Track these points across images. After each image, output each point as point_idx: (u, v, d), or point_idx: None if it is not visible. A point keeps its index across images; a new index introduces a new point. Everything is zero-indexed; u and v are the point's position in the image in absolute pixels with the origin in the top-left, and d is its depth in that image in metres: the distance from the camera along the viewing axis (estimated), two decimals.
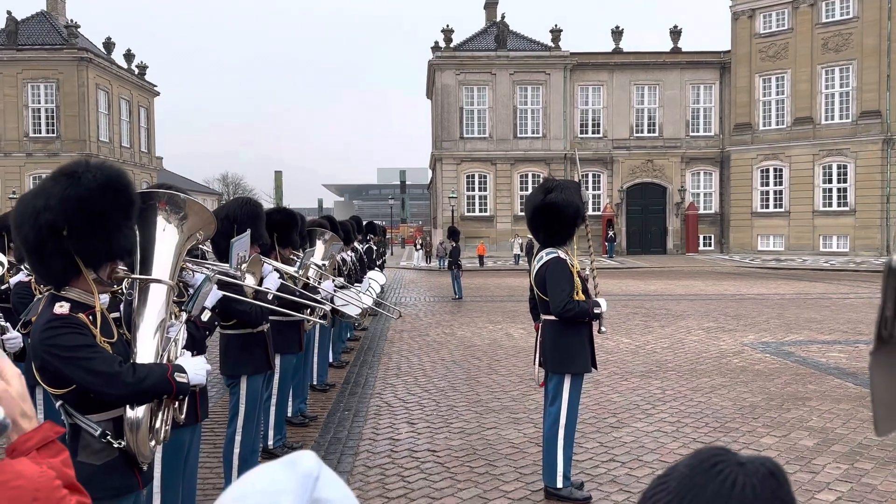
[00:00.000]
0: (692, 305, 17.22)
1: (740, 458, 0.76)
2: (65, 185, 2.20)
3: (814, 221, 37.13)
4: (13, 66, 39.40)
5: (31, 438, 1.28)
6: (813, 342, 11.74)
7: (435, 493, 5.21)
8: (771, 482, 0.72)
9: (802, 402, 7.75)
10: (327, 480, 0.79)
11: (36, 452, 1.27)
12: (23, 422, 1.29)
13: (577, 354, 5.08)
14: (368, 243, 14.93)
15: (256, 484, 0.78)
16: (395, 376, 9.36)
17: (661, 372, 9.40)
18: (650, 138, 41.34)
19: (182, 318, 2.72)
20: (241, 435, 4.79)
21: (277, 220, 5.90)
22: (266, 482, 0.78)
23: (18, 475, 1.12)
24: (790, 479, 0.77)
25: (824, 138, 36.74)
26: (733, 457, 0.75)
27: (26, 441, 1.28)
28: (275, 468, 0.80)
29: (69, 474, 1.28)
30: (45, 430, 1.30)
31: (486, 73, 40.64)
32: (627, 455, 6.02)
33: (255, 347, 4.83)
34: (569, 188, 5.24)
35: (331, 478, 0.80)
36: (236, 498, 0.78)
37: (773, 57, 38.28)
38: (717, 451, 0.75)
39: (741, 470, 0.73)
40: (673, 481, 0.72)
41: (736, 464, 0.73)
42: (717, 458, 0.73)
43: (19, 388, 1.29)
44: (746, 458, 0.76)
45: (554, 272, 5.07)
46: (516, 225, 39.00)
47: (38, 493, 1.12)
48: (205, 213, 2.70)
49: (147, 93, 48.49)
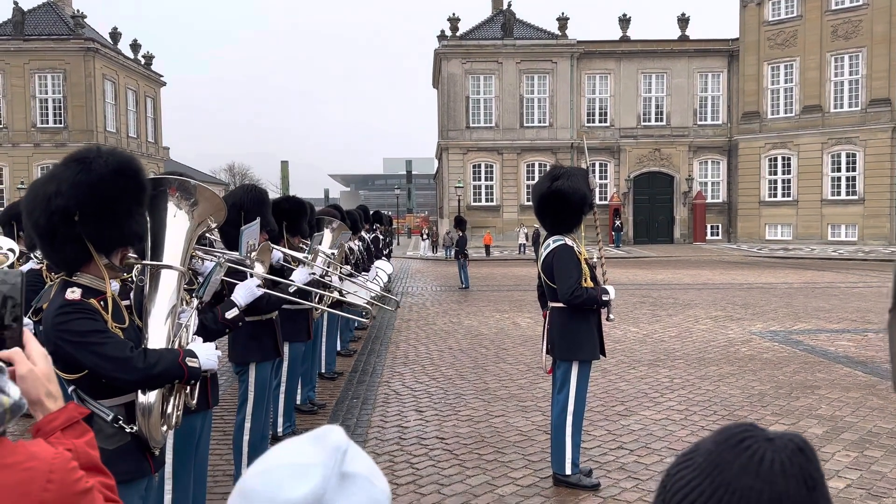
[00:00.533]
0: (700, 294, 17.18)
1: (768, 433, 0.74)
2: (76, 171, 2.20)
3: (822, 210, 36.94)
4: (20, 57, 39.45)
5: (56, 419, 1.28)
6: (821, 331, 11.70)
7: (444, 479, 5.23)
8: (800, 458, 0.71)
9: (811, 391, 7.73)
10: (355, 455, 0.79)
11: (61, 433, 1.27)
12: (48, 402, 1.29)
13: (585, 342, 5.08)
14: (375, 233, 14.94)
15: (284, 457, 0.78)
16: (403, 365, 9.39)
17: (669, 360, 9.40)
18: (657, 127, 41.14)
19: (193, 304, 2.72)
20: (251, 422, 4.81)
21: (286, 209, 5.91)
22: (294, 455, 0.78)
23: (32, 456, 1.11)
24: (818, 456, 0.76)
25: (833, 126, 36.48)
26: (761, 432, 0.74)
27: (51, 421, 1.28)
28: (302, 442, 0.80)
29: (93, 455, 1.28)
30: (70, 411, 1.31)
31: (492, 61, 40.46)
32: (636, 443, 6.02)
33: (263, 335, 4.84)
34: (576, 175, 5.22)
35: (358, 452, 0.80)
36: (264, 471, 0.78)
37: (782, 44, 37.98)
38: (745, 426, 0.74)
39: (769, 445, 0.71)
40: (699, 457, 0.71)
41: (764, 439, 0.72)
42: (744, 434, 0.72)
43: (45, 368, 1.30)
44: (775, 434, 0.75)
45: (561, 259, 5.06)
46: (523, 214, 38.95)
47: (52, 475, 1.11)
48: (215, 200, 2.70)
49: (153, 83, 48.48)
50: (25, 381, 1.28)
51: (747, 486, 0.67)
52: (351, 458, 0.78)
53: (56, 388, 1.31)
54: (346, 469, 0.76)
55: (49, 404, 1.30)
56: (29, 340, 1.31)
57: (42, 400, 1.28)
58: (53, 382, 1.31)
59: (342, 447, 0.77)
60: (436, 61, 43.34)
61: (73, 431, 1.29)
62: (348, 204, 17.78)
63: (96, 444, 1.32)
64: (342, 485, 0.75)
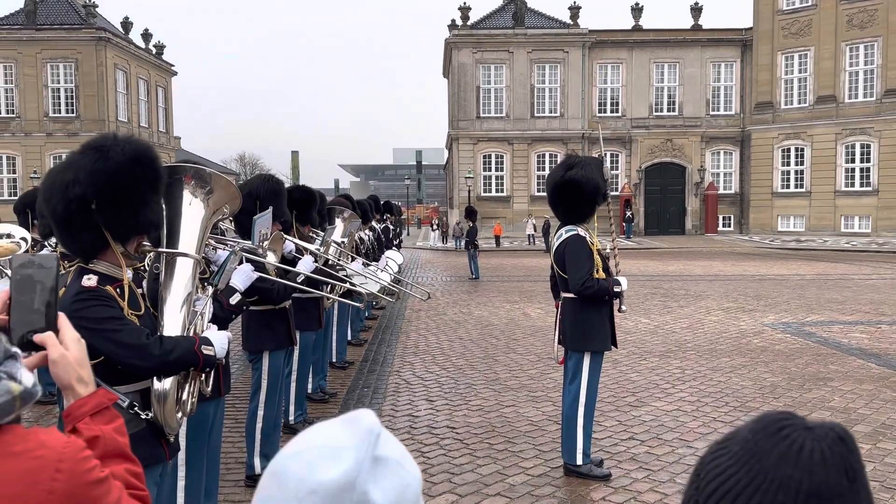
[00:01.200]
0: (711, 286, 17.10)
1: (807, 422, 0.72)
2: (94, 159, 2.21)
3: (835, 202, 36.63)
4: (32, 46, 39.61)
5: (86, 404, 1.28)
6: (834, 323, 11.63)
7: (454, 468, 5.25)
8: (840, 447, 0.69)
9: (824, 383, 7.69)
10: (387, 439, 0.79)
11: (89, 418, 1.27)
12: (79, 387, 1.29)
13: (597, 332, 5.06)
14: (385, 223, 14.95)
15: (317, 439, 0.78)
16: (414, 354, 9.41)
17: (681, 352, 9.37)
18: (670, 117, 40.87)
19: (208, 292, 2.73)
20: (264, 410, 4.84)
21: (297, 198, 5.91)
22: (327, 438, 0.77)
23: (41, 445, 1.09)
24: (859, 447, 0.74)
25: (847, 117, 36.11)
26: (800, 421, 0.72)
27: (80, 406, 1.28)
28: (334, 425, 0.80)
29: (120, 442, 1.27)
30: (100, 397, 1.30)
31: (503, 51, 40.27)
32: (647, 434, 6.01)
33: (277, 323, 4.86)
34: (590, 165, 5.20)
35: (390, 437, 0.80)
36: (296, 453, 0.78)
37: (796, 34, 37.58)
38: (784, 415, 0.72)
39: (809, 434, 0.69)
40: (735, 445, 0.70)
41: (803, 428, 0.70)
42: (783, 423, 0.70)
43: (77, 353, 1.30)
44: (814, 423, 0.73)
45: (573, 250, 5.04)
46: (533, 205, 38.84)
47: (61, 465, 1.09)
48: (230, 188, 2.70)
49: (165, 72, 48.60)
50: (57, 366, 1.28)
51: (786, 475, 0.65)
52: (384, 442, 0.77)
53: (88, 373, 1.31)
54: (379, 453, 0.76)
55: (80, 389, 1.29)
56: (63, 325, 1.31)
57: (73, 385, 1.28)
58: (85, 368, 1.31)
59: (375, 431, 0.77)
60: (446, 51, 43.19)
61: (103, 417, 1.28)
62: (358, 194, 17.79)
63: (126, 431, 1.31)
64: (374, 468, 0.75)
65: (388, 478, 0.75)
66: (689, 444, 5.75)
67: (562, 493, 4.83)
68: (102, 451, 1.25)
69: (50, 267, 1.28)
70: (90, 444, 1.25)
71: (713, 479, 0.68)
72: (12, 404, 1.06)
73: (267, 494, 0.76)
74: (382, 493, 0.74)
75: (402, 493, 0.75)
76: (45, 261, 1.28)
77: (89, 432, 1.25)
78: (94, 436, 1.25)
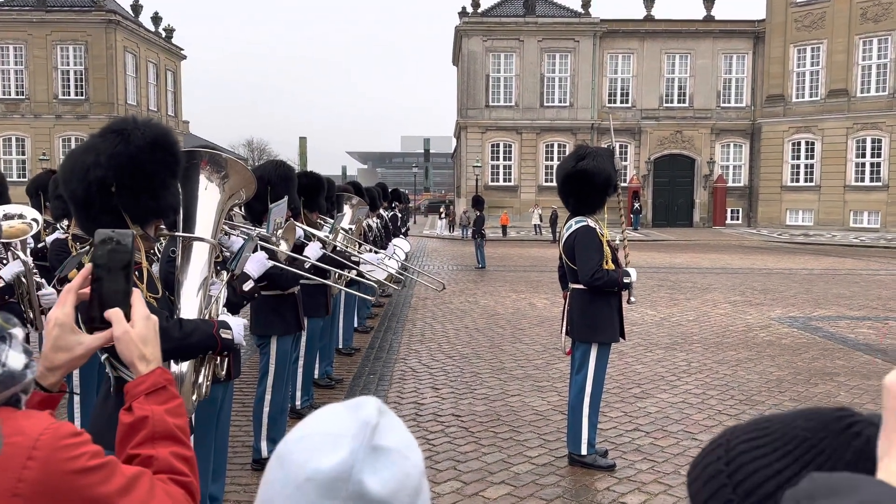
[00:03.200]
0: (718, 279, 17.07)
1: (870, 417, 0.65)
2: (114, 142, 2.22)
3: (845, 196, 36.43)
4: (42, 28, 39.62)
5: (142, 383, 1.26)
6: (841, 318, 11.60)
7: (460, 456, 5.28)
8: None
9: (830, 378, 7.69)
10: (388, 428, 0.79)
11: (144, 398, 1.24)
12: (140, 365, 1.27)
13: (605, 324, 5.07)
14: (393, 210, 14.96)
15: (320, 425, 0.79)
16: (419, 342, 9.44)
17: (687, 344, 9.37)
18: (680, 109, 40.65)
19: (223, 277, 2.75)
20: (271, 394, 4.88)
21: (305, 184, 5.91)
22: (329, 424, 0.78)
23: (18, 431, 1.03)
24: None
25: (859, 111, 35.85)
26: (859, 415, 0.64)
27: (137, 385, 1.26)
28: (340, 410, 0.80)
29: (169, 424, 1.24)
30: (157, 376, 1.28)
31: (513, 39, 40.06)
32: (652, 425, 6.03)
33: (285, 309, 4.89)
34: (601, 155, 5.19)
35: (392, 425, 0.80)
36: (300, 438, 0.79)
37: (809, 27, 37.25)
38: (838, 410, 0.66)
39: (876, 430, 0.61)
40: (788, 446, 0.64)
41: (869, 423, 0.63)
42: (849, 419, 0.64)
43: (142, 330, 1.28)
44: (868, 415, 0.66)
45: (583, 241, 5.05)
46: (540, 195, 38.77)
47: (34, 452, 1.03)
48: (246, 173, 2.71)
49: (174, 56, 48.56)
50: (119, 343, 1.27)
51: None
52: (384, 431, 0.78)
53: (152, 351, 1.29)
54: (378, 443, 0.76)
55: (141, 367, 1.27)
56: (135, 301, 1.30)
57: (134, 363, 1.27)
58: (150, 345, 1.29)
59: (371, 422, 0.77)
60: (456, 38, 42.99)
61: (158, 397, 1.26)
62: (365, 182, 17.73)
63: (183, 412, 1.28)
64: (372, 458, 0.75)
65: (388, 468, 0.75)
66: (694, 436, 5.76)
67: (566, 482, 4.86)
68: (150, 433, 1.22)
69: (126, 243, 1.28)
70: (139, 424, 1.23)
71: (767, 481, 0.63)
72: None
73: (272, 477, 0.78)
74: (380, 482, 0.74)
75: (401, 482, 0.75)
76: (123, 237, 1.28)
77: (140, 412, 1.23)
78: (143, 416, 1.23)
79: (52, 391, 1.30)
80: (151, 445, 1.22)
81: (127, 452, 1.23)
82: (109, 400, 2.33)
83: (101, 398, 2.42)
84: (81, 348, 1.29)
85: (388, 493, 0.74)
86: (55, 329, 1.27)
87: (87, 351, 1.29)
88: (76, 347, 1.28)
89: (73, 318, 1.29)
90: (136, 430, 1.23)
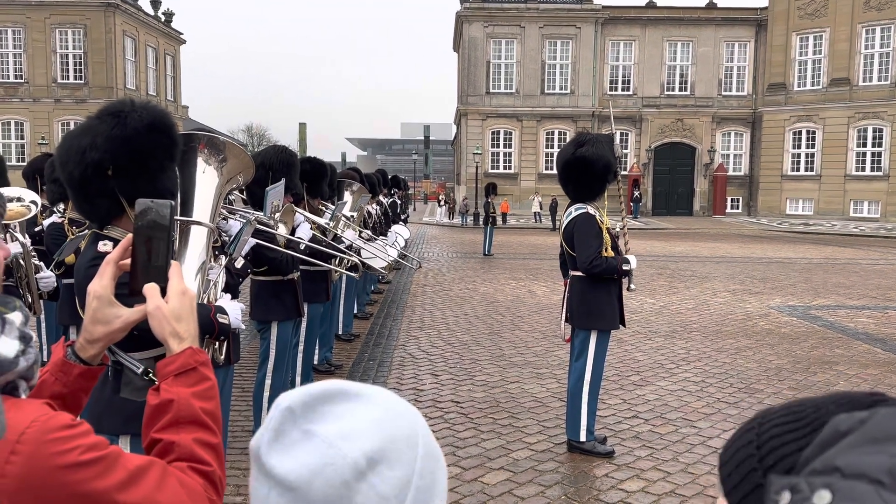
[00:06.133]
0: (718, 267, 17.07)
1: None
2: (111, 125, 2.20)
3: (845, 186, 36.37)
4: (41, 11, 39.36)
5: (172, 363, 1.21)
6: (841, 307, 11.61)
7: (459, 442, 5.29)
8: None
9: (829, 367, 7.70)
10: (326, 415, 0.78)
11: (173, 379, 1.19)
12: (172, 342, 1.22)
13: (605, 311, 5.07)
14: (393, 197, 14.92)
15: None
16: (419, 329, 9.44)
17: (686, 332, 9.38)
18: (681, 96, 40.51)
19: (222, 262, 2.74)
20: (272, 379, 4.88)
21: (307, 170, 5.89)
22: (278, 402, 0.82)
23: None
24: None
25: (861, 100, 35.72)
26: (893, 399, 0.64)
27: (167, 365, 1.21)
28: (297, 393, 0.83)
29: (195, 408, 1.18)
30: (186, 357, 1.21)
31: (514, 25, 39.84)
32: (651, 412, 6.04)
33: (285, 294, 4.88)
34: (601, 142, 5.17)
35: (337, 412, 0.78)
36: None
37: (812, 15, 37.04)
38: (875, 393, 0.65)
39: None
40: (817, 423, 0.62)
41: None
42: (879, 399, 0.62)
43: (176, 307, 1.23)
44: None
45: (582, 228, 5.04)
46: (541, 183, 38.70)
47: (19, 446, 0.96)
48: (244, 157, 2.69)
49: (173, 41, 48.28)
50: (152, 318, 1.22)
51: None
52: (319, 416, 0.77)
53: (186, 328, 1.23)
54: (308, 427, 0.76)
55: (173, 345, 1.22)
56: (173, 276, 1.25)
57: (167, 339, 1.22)
58: (183, 322, 1.23)
59: (283, 404, 0.78)
60: (457, 24, 42.76)
61: (188, 379, 1.20)
62: (365, 168, 17.65)
63: (213, 395, 1.22)
64: (287, 442, 0.76)
65: (306, 454, 0.75)
66: (693, 423, 5.77)
67: (565, 468, 4.87)
68: (174, 417, 1.17)
69: (165, 214, 1.25)
70: (164, 406, 1.17)
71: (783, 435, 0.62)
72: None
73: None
74: (288, 467, 0.75)
75: (316, 471, 0.74)
76: (162, 207, 1.24)
77: (167, 394, 1.18)
78: (168, 399, 1.17)
79: (92, 364, 1.27)
80: (175, 430, 1.16)
81: (150, 436, 1.18)
82: (108, 383, 2.32)
83: (99, 381, 2.41)
84: (119, 321, 1.26)
85: (295, 478, 0.74)
86: (94, 301, 1.25)
87: (126, 324, 1.26)
88: (114, 321, 1.25)
89: (111, 290, 1.25)
90: (160, 413, 1.17)
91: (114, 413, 2.29)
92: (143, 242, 1.25)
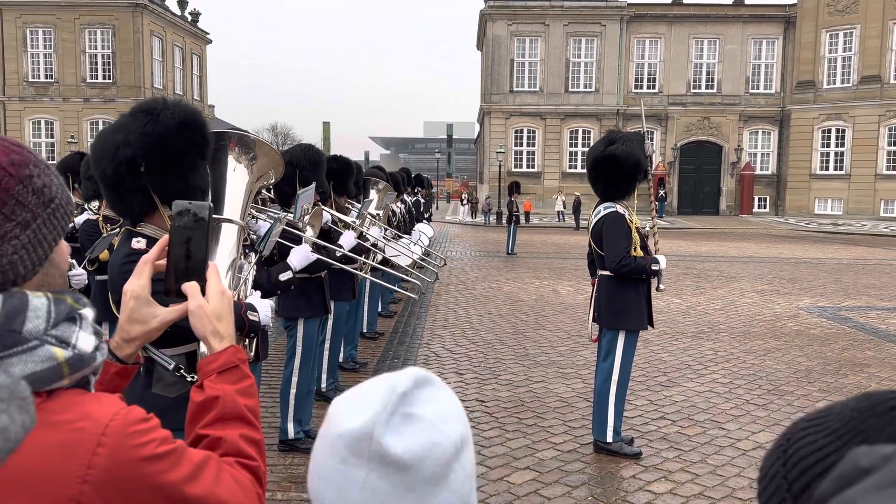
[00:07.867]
0: (745, 268, 16.85)
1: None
2: (144, 122, 2.22)
3: (875, 185, 35.74)
4: (70, 12, 39.98)
5: (215, 361, 1.22)
6: (872, 308, 11.39)
7: (484, 441, 5.27)
8: None
9: (860, 369, 7.56)
10: (425, 398, 0.83)
11: (216, 376, 1.21)
12: (213, 341, 1.24)
13: (633, 311, 5.01)
14: (416, 196, 14.93)
15: (363, 389, 0.85)
16: (443, 328, 9.43)
17: (713, 333, 9.27)
18: (708, 95, 40.06)
19: (251, 259, 2.75)
20: (298, 376, 4.90)
21: (334, 169, 5.91)
22: (369, 388, 0.84)
23: (84, 416, 0.99)
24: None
25: (891, 98, 35.06)
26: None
27: (210, 363, 1.23)
28: (382, 378, 0.86)
29: (239, 405, 1.20)
30: (229, 355, 1.23)
31: (538, 23, 39.67)
32: (678, 413, 5.97)
33: (312, 292, 4.90)
34: (631, 140, 5.11)
35: (431, 397, 0.84)
36: (345, 399, 0.85)
37: (842, 11, 36.42)
38: (892, 393, 0.67)
39: None
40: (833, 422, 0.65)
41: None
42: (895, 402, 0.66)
43: (217, 306, 1.25)
44: None
45: (611, 227, 4.99)
46: (564, 182, 38.52)
47: (104, 439, 0.98)
48: (274, 155, 2.69)
49: (200, 40, 48.79)
50: (193, 317, 1.24)
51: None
52: (417, 400, 0.82)
53: (226, 327, 1.25)
54: (409, 410, 0.81)
55: (214, 343, 1.24)
56: (211, 275, 1.27)
57: (207, 338, 1.24)
58: (224, 322, 1.25)
59: (399, 389, 0.82)
60: (481, 22, 42.68)
61: (231, 376, 1.22)
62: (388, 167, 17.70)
63: (254, 392, 1.24)
64: (397, 422, 0.80)
65: (417, 434, 0.80)
66: (721, 425, 5.70)
67: (591, 469, 4.83)
68: (220, 413, 1.19)
69: (203, 215, 1.25)
70: (209, 403, 1.19)
71: (807, 456, 0.64)
72: (57, 371, 0.97)
73: (320, 432, 0.85)
74: (402, 446, 0.79)
75: (428, 451, 0.79)
76: (199, 209, 1.25)
77: (211, 391, 1.20)
78: (214, 395, 1.19)
79: (127, 363, 1.28)
80: (221, 426, 1.18)
81: (196, 432, 1.20)
82: (139, 379, 2.34)
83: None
84: (156, 321, 1.27)
85: (410, 457, 0.79)
86: (131, 301, 1.26)
87: (162, 324, 1.27)
88: (151, 320, 1.26)
89: (148, 289, 1.26)
90: (206, 409, 1.19)
91: (146, 408, 2.30)
92: (181, 243, 1.25)
